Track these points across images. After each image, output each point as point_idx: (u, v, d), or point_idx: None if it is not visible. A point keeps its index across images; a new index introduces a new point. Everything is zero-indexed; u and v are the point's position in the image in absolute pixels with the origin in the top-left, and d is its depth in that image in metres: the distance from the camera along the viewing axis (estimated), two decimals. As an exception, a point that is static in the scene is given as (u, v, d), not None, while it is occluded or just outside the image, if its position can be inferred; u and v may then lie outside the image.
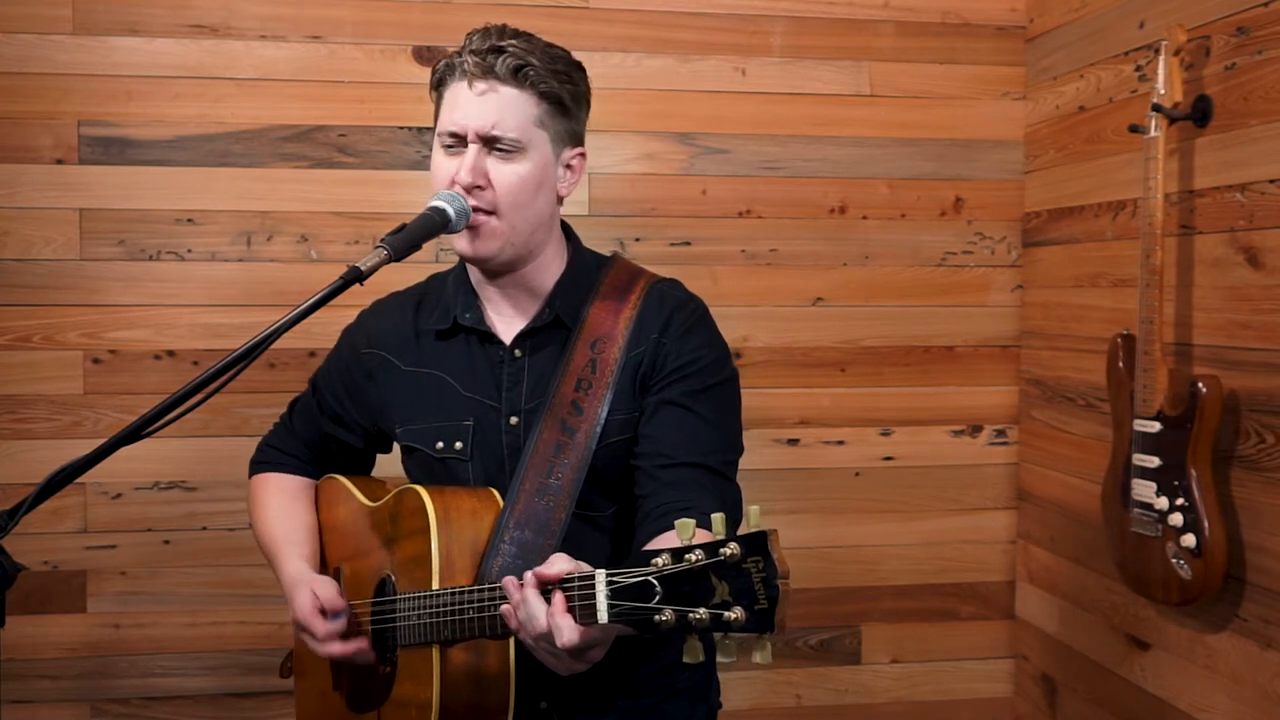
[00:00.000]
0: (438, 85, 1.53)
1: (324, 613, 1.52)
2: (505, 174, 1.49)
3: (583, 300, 1.58)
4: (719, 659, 1.10)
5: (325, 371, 1.76)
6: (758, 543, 1.07)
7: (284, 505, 1.73)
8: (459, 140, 1.49)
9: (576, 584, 1.19)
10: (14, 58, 2.32)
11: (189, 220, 2.40)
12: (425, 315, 1.65)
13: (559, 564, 1.23)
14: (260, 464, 1.81)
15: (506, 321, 1.60)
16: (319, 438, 1.76)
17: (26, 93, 2.33)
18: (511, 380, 1.57)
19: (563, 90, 1.51)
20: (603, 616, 1.15)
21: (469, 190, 1.47)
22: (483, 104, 1.47)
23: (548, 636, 1.21)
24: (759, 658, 1.07)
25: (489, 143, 1.48)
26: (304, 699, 1.75)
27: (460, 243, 1.51)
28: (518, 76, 1.47)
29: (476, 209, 1.48)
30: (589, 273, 1.62)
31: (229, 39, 2.39)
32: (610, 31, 2.50)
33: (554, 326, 1.57)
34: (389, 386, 1.65)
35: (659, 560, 1.11)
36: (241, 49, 2.39)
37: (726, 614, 1.07)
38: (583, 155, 1.59)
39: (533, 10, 2.44)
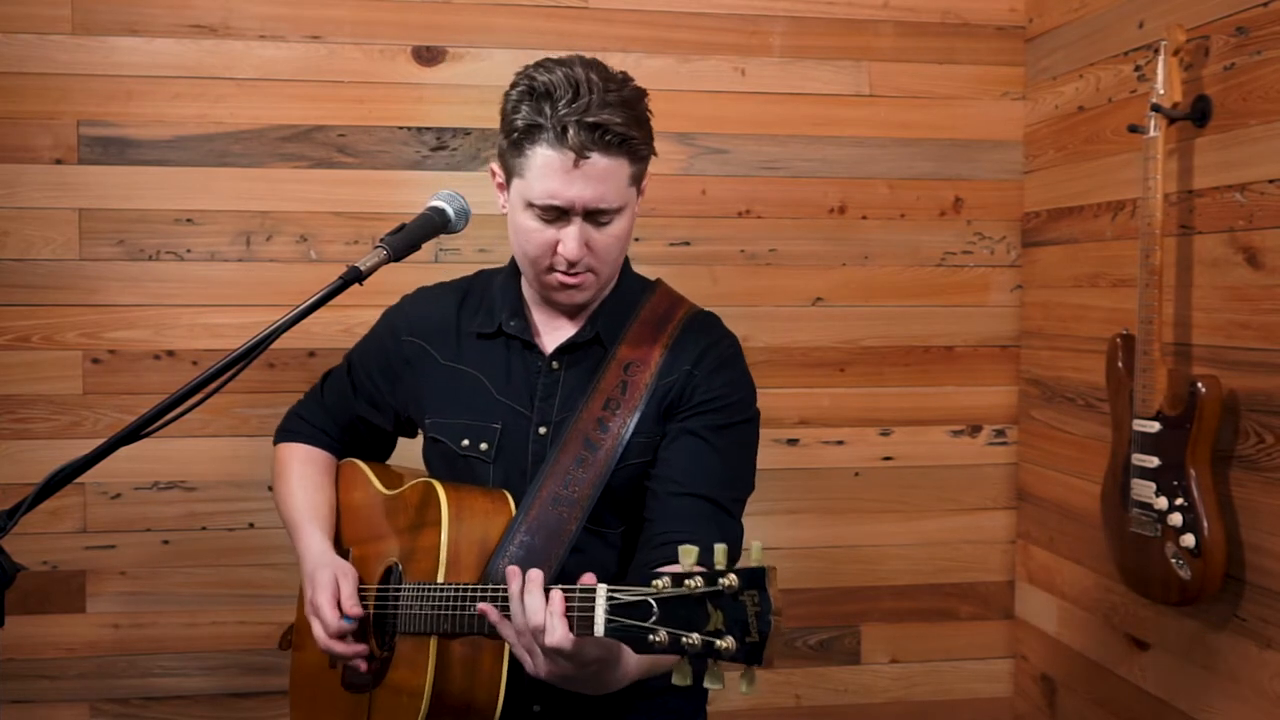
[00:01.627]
0: (519, 141, 1.46)
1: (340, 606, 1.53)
2: (607, 239, 1.51)
3: (623, 323, 1.61)
4: (706, 683, 1.13)
5: (363, 351, 1.77)
6: (756, 578, 1.10)
7: (310, 478, 1.74)
8: (559, 213, 1.48)
9: (577, 595, 1.22)
10: (14, 58, 2.32)
11: (189, 220, 2.40)
12: (469, 314, 1.67)
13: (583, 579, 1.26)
14: (288, 432, 1.81)
15: (550, 333, 1.62)
16: (350, 417, 1.78)
17: (26, 93, 2.33)
18: (546, 391, 1.59)
19: (650, 145, 1.52)
20: (599, 629, 1.18)
21: (575, 261, 1.49)
22: (586, 180, 1.45)
23: (539, 631, 1.24)
24: (744, 688, 1.10)
25: (590, 214, 1.48)
26: (299, 671, 1.77)
27: (558, 295, 1.54)
28: (621, 148, 1.46)
29: (576, 272, 1.51)
30: (632, 295, 1.65)
31: (229, 39, 2.39)
32: (610, 31, 2.50)
33: (592, 344, 1.60)
34: (425, 377, 1.67)
35: (659, 582, 1.14)
36: (241, 49, 2.39)
37: (719, 642, 1.10)
38: (648, 174, 1.59)
39: (533, 10, 2.44)
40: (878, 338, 2.65)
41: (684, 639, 1.11)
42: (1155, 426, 1.99)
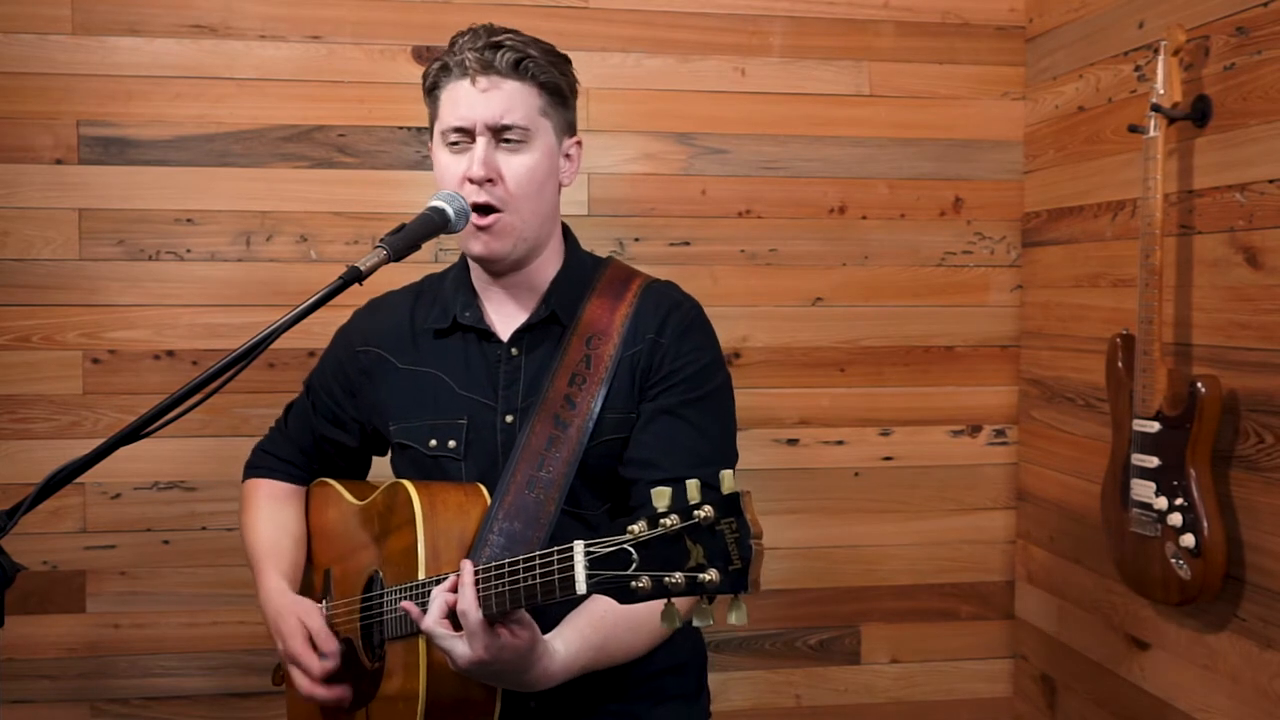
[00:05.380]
0: (432, 88, 1.55)
1: (313, 645, 1.53)
2: (515, 165, 1.50)
3: (579, 297, 1.59)
4: (695, 623, 1.11)
5: (320, 372, 1.76)
6: (731, 504, 1.08)
7: (273, 514, 1.73)
8: (466, 136, 1.50)
9: (555, 555, 1.20)
10: (14, 58, 2.32)
11: (189, 220, 2.40)
12: (423, 314, 1.66)
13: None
14: (253, 469, 1.81)
15: (505, 319, 1.60)
16: (314, 440, 1.76)
17: (26, 93, 2.33)
18: (508, 379, 1.57)
19: (560, 80, 1.54)
20: (581, 586, 1.16)
21: (481, 184, 1.48)
22: (488, 98, 1.48)
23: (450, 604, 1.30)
24: (735, 618, 1.08)
25: (497, 135, 1.49)
26: (295, 704, 1.75)
27: (474, 245, 1.52)
28: (519, 69, 1.49)
29: (489, 206, 1.49)
30: (585, 271, 1.63)
31: (229, 39, 2.39)
32: (610, 31, 2.50)
33: (550, 323, 1.58)
34: (385, 384, 1.65)
35: (635, 527, 1.13)
36: (241, 49, 2.39)
37: (701, 576, 1.08)
38: (579, 144, 1.62)
39: (532, 10, 2.44)
40: (878, 338, 2.65)
41: (667, 579, 1.09)
42: (1155, 426, 1.99)
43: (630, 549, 1.12)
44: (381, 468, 1.80)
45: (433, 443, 1.58)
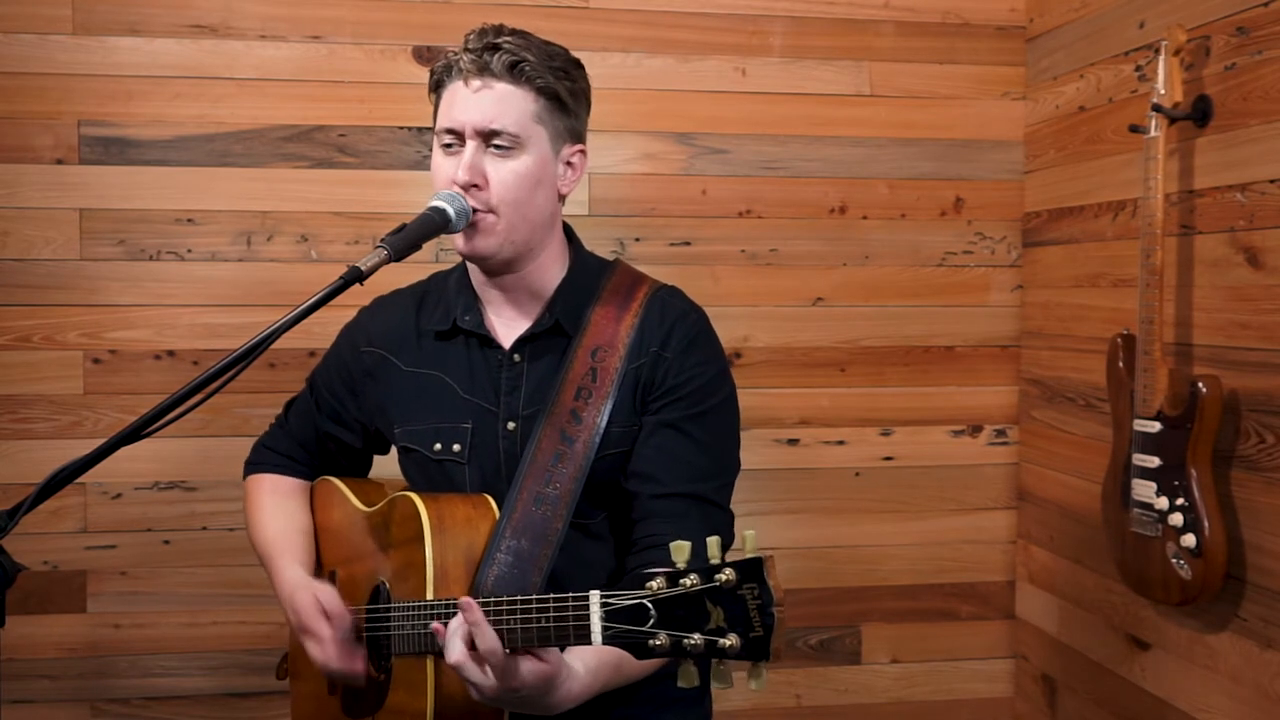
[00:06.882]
0: (435, 87, 1.54)
1: (327, 616, 1.51)
2: (503, 172, 1.48)
3: (583, 306, 1.57)
4: (713, 684, 1.10)
5: (324, 370, 1.75)
6: (753, 569, 1.06)
7: (279, 507, 1.71)
8: (457, 138, 1.49)
9: (571, 603, 1.19)
10: (14, 58, 2.32)
11: (189, 220, 2.40)
12: (426, 315, 1.64)
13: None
14: (255, 465, 1.79)
15: (506, 325, 1.59)
16: (316, 437, 1.75)
17: (26, 93, 2.33)
18: (510, 385, 1.56)
19: (560, 86, 1.51)
20: (596, 639, 1.15)
21: (466, 189, 1.47)
22: (479, 101, 1.47)
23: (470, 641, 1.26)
24: (754, 685, 1.07)
25: (486, 139, 1.48)
26: (299, 701, 1.74)
27: (459, 241, 1.51)
28: (513, 73, 1.47)
29: (475, 209, 1.48)
30: (590, 277, 1.61)
31: (229, 39, 2.39)
32: (610, 31, 2.50)
33: (553, 333, 1.56)
34: (388, 386, 1.64)
35: (654, 584, 1.11)
36: (241, 49, 2.39)
37: (721, 640, 1.07)
38: (583, 152, 1.58)
39: (533, 10, 2.44)
40: (878, 338, 2.65)
41: (685, 640, 1.08)
42: (1156, 426, 1.99)
43: (648, 604, 1.11)
44: (382, 466, 1.81)
45: (437, 446, 1.57)
